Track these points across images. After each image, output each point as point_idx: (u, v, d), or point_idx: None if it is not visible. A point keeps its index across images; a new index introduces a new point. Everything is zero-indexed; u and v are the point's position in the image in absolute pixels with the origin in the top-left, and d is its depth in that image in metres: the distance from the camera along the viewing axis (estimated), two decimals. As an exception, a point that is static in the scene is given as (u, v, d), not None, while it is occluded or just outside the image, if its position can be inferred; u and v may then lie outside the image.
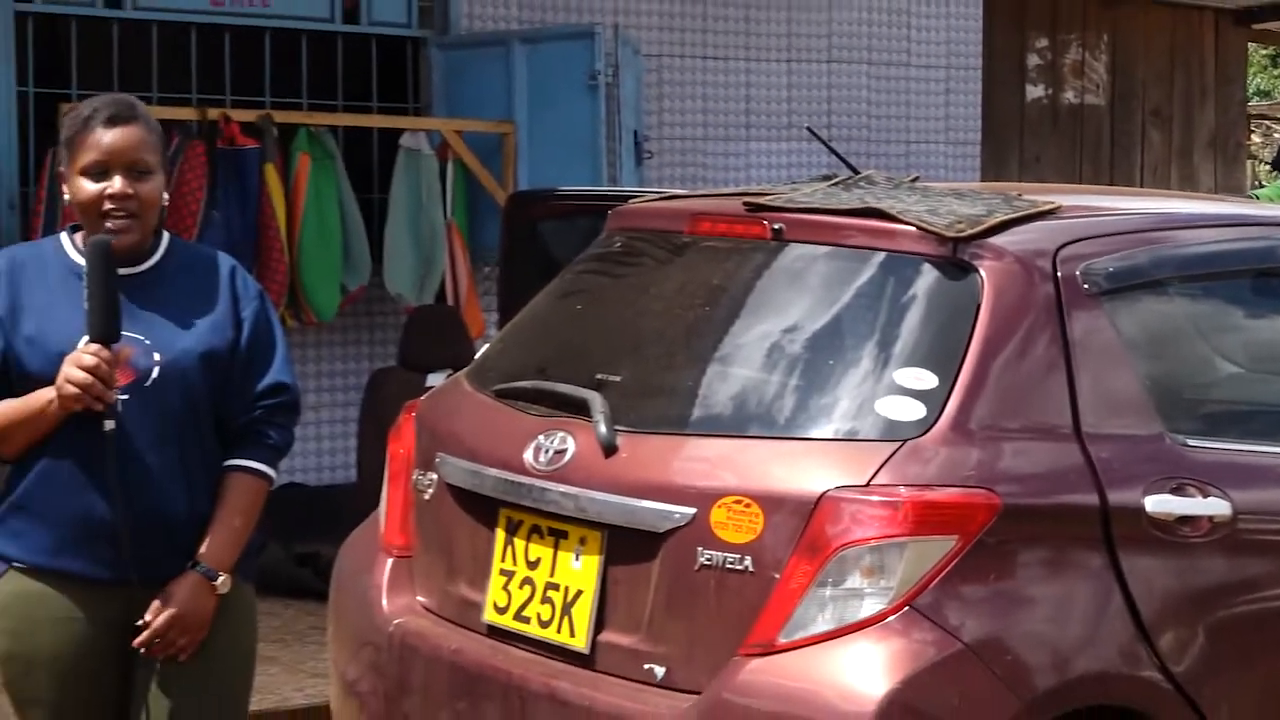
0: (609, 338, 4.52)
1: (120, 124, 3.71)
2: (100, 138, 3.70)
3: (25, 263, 3.80)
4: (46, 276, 3.76)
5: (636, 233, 4.75)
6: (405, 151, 8.68)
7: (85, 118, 3.73)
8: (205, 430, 3.78)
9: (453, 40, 9.18)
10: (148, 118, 3.77)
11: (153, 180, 3.73)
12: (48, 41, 8.28)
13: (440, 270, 8.69)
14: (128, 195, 3.68)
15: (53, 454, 3.68)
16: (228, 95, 8.52)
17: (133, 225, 3.70)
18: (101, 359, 3.56)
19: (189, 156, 7.88)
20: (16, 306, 3.72)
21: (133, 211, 3.70)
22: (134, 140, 3.70)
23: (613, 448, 4.05)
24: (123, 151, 3.69)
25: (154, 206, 3.74)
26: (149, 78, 8.32)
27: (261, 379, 3.83)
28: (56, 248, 3.82)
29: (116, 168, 3.69)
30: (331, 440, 9.08)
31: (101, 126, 3.70)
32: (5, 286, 3.75)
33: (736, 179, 10.16)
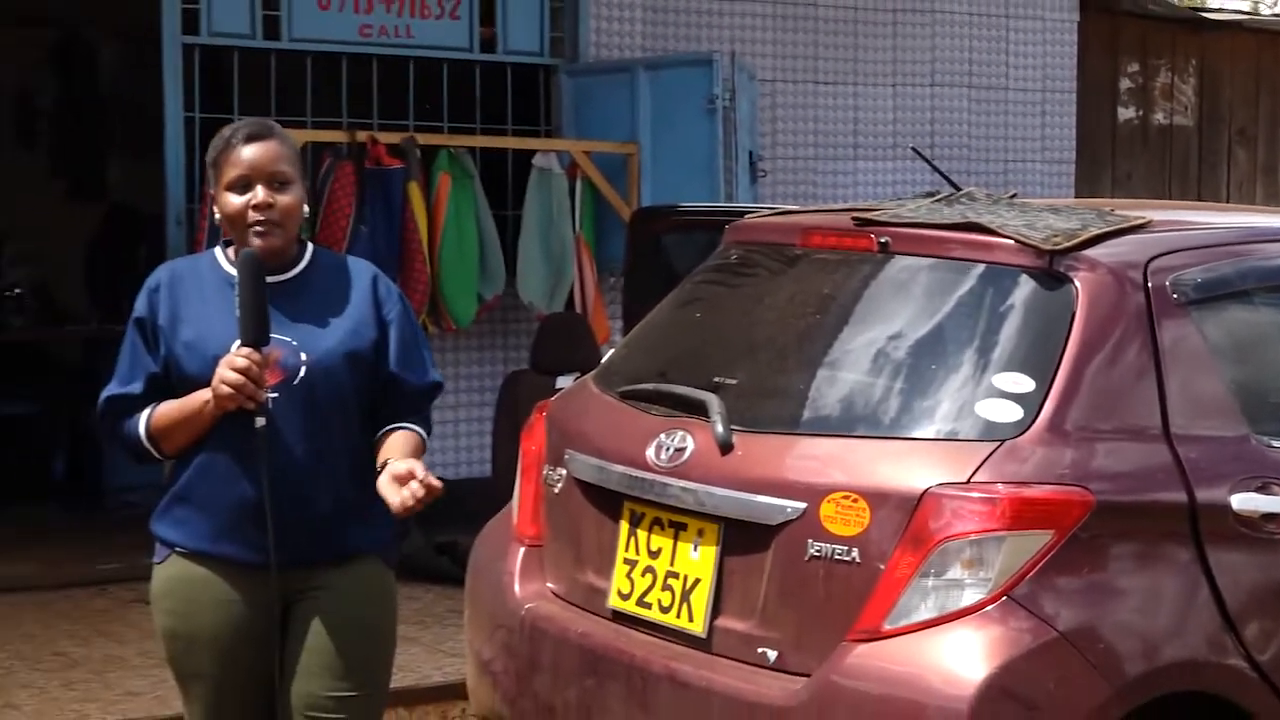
0: (726, 343, 4.51)
1: (258, 140, 3.75)
2: (241, 154, 3.74)
3: (184, 275, 3.84)
4: (203, 287, 3.80)
5: (752, 246, 4.74)
6: (537, 171, 8.71)
7: (227, 139, 3.78)
8: (350, 424, 3.79)
9: (581, 68, 9.20)
10: (283, 135, 3.81)
11: (291, 190, 3.75)
12: (212, 71, 8.38)
13: (569, 280, 8.70)
14: (269, 204, 3.72)
15: (210, 449, 3.71)
16: (375, 119, 8.58)
17: (275, 232, 3.73)
18: (252, 361, 3.59)
19: (339, 176, 7.95)
20: (176, 316, 3.76)
21: (275, 219, 3.73)
22: (272, 154, 3.74)
23: (729, 446, 4.04)
24: (262, 165, 3.73)
25: (294, 215, 3.77)
26: (303, 103, 8.40)
27: (423, 377, 3.85)
28: (211, 261, 3.86)
29: (258, 180, 3.73)
30: (468, 437, 9.13)
31: (242, 144, 3.75)
32: (166, 297, 3.79)
33: (845, 196, 10.11)
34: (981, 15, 10.70)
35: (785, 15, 9.99)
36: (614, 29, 9.40)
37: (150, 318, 3.78)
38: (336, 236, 7.82)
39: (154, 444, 3.76)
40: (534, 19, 9.17)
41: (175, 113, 8.04)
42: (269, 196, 3.72)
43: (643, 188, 8.73)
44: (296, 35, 8.45)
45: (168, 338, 3.75)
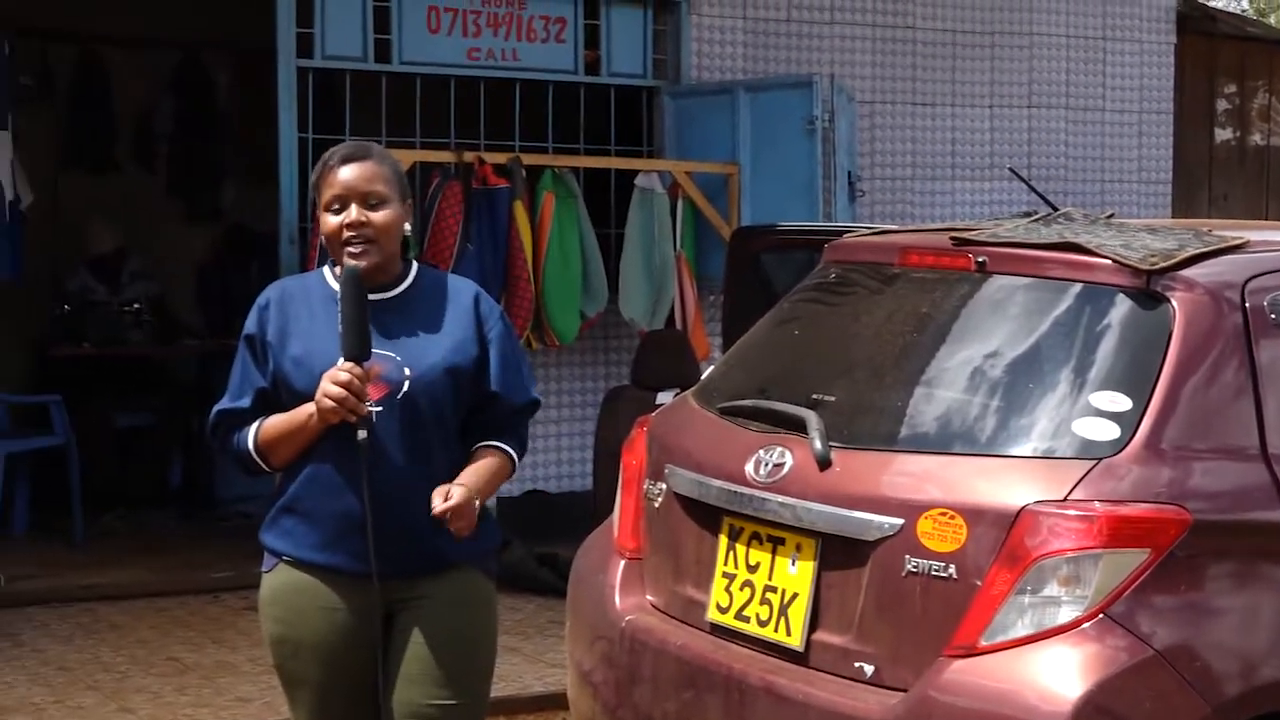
0: (824, 361, 4.49)
1: (353, 162, 3.79)
2: (337, 175, 3.78)
3: (293, 293, 3.88)
4: (311, 304, 3.83)
5: (850, 265, 4.72)
6: (640, 190, 8.72)
7: (325, 161, 3.83)
8: (450, 438, 3.80)
9: (683, 89, 9.21)
10: (382, 156, 3.84)
11: (386, 209, 3.77)
12: (325, 92, 8.46)
13: (670, 298, 8.71)
14: (362, 223, 3.74)
15: (315, 461, 3.74)
16: (482, 140, 8.63)
17: (370, 250, 3.75)
18: (355, 375, 3.61)
19: (447, 195, 8.00)
20: (285, 332, 3.79)
21: (369, 237, 3.75)
22: (366, 174, 3.77)
23: (827, 462, 4.02)
24: (356, 185, 3.76)
25: (389, 232, 3.78)
26: (412, 124, 8.46)
27: (520, 394, 3.86)
28: (319, 278, 3.89)
29: (352, 199, 3.76)
30: (570, 451, 9.15)
31: (338, 166, 3.79)
32: (275, 314, 3.82)
33: (942, 216, 10.04)
34: (1079, 38, 10.61)
35: (884, 38, 9.96)
36: (715, 52, 9.41)
37: (260, 334, 3.81)
38: (443, 254, 7.87)
39: (262, 457, 3.79)
40: (637, 42, 9.19)
41: (289, 133, 8.12)
42: (362, 215, 3.75)
43: (743, 207, 8.72)
44: (407, 58, 8.51)
45: (276, 354, 3.78)
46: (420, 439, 3.74)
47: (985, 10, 10.29)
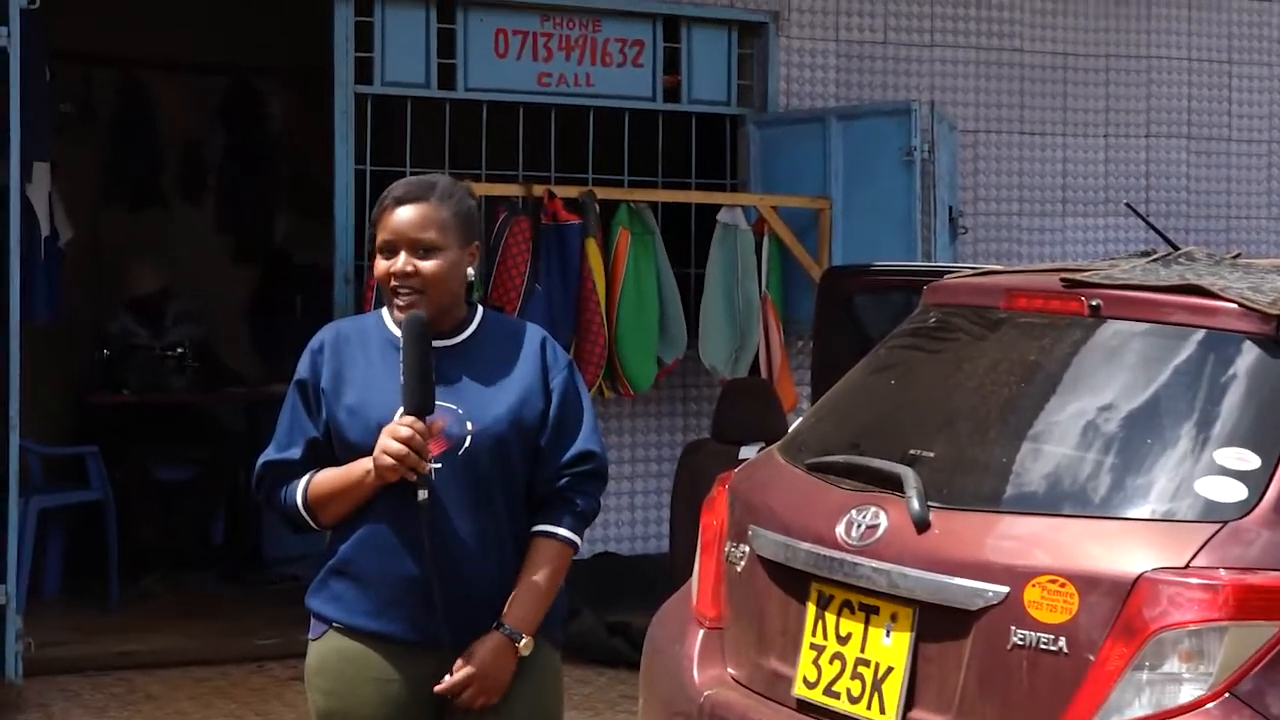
0: (922, 413, 4.47)
1: (408, 204, 3.80)
2: (390, 218, 3.80)
3: (349, 336, 3.90)
4: (368, 349, 3.85)
5: (951, 308, 4.70)
6: (722, 226, 8.73)
7: (383, 200, 3.85)
8: (516, 497, 3.82)
9: (770, 117, 9.22)
10: (445, 196, 3.83)
11: (439, 257, 3.78)
12: (384, 121, 8.53)
13: (755, 344, 8.70)
14: (408, 273, 3.77)
15: (371, 521, 3.75)
16: (552, 172, 8.68)
17: (418, 301, 3.77)
18: (416, 431, 3.62)
19: (514, 231, 8.04)
20: (339, 378, 3.82)
21: (416, 288, 3.77)
22: (418, 220, 3.79)
23: (925, 524, 4.00)
24: (406, 231, 3.78)
25: (440, 284, 3.78)
26: (478, 155, 8.52)
27: (570, 448, 3.86)
28: (377, 321, 3.91)
29: (402, 245, 3.78)
30: (645, 510, 9.14)
31: (392, 207, 3.81)
32: (329, 359, 3.84)
33: (1052, 255, 10.00)
34: (1202, 61, 10.56)
35: (988, 61, 9.94)
36: (805, 76, 9.42)
37: (312, 380, 3.84)
38: (510, 296, 7.90)
39: (311, 514, 3.81)
40: (720, 67, 9.23)
41: (345, 165, 8.20)
42: (409, 264, 3.77)
43: (834, 245, 8.72)
44: (472, 84, 8.59)
45: (330, 402, 3.81)
46: (483, 497, 3.75)
47: (1099, 31, 10.27)
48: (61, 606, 8.85)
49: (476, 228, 3.92)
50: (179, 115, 11.66)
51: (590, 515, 3.91)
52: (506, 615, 3.76)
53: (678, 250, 8.84)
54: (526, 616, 3.78)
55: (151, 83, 11.49)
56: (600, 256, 8.22)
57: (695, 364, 8.85)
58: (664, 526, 8.73)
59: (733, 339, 8.73)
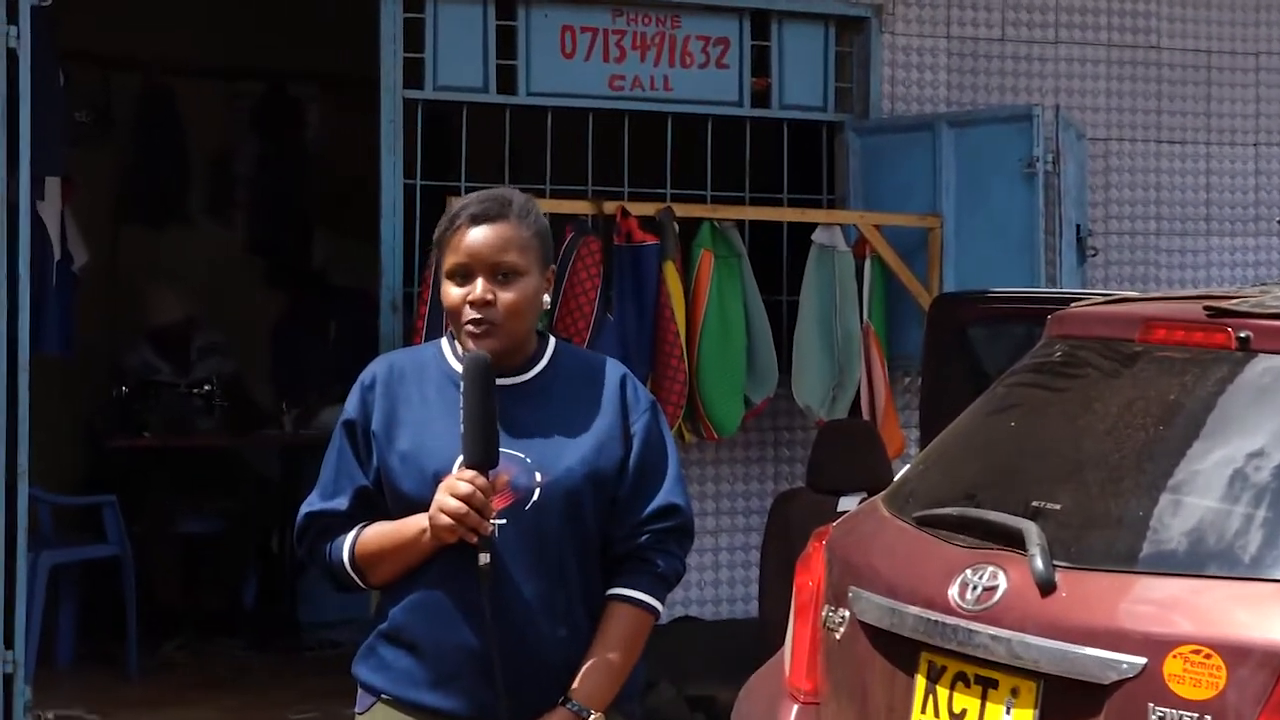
0: (1047, 460, 4.46)
1: (485, 222, 3.79)
2: (465, 238, 3.79)
3: (404, 371, 3.90)
4: (425, 386, 3.86)
5: (1079, 340, 4.69)
6: (818, 248, 8.74)
7: (453, 216, 3.84)
8: (589, 557, 3.82)
9: (873, 124, 9.23)
10: (523, 213, 3.83)
11: (519, 284, 3.78)
12: (436, 130, 8.58)
13: (855, 381, 8.69)
14: (486, 301, 3.76)
15: (425, 584, 3.76)
16: (625, 187, 8.70)
17: (494, 334, 3.76)
18: (477, 487, 3.62)
19: (582, 254, 8.05)
20: (393, 420, 3.82)
21: (493, 320, 3.76)
22: (499, 240, 3.78)
23: (1051, 585, 3.99)
24: (484, 253, 3.77)
25: (519, 314, 3.79)
26: (542, 167, 8.55)
27: (650, 500, 3.85)
28: (437, 354, 3.92)
29: (479, 270, 3.78)
30: (730, 570, 9.14)
31: (466, 225, 3.80)
32: (381, 397, 3.85)
33: (1194, 279, 9.95)
34: (1368, 58, 10.50)
35: (1122, 61, 9.92)
36: (912, 78, 9.43)
37: (362, 420, 3.85)
38: (578, 326, 7.92)
39: (359, 572, 3.83)
40: (816, 67, 9.24)
41: (393, 179, 8.24)
42: (488, 292, 3.76)
43: (945, 269, 8.71)
44: (536, 89, 8.63)
45: (381, 446, 3.82)
46: (552, 557, 3.76)
47: (1248, 25, 10.23)
48: (75, 675, 8.92)
49: (551, 250, 3.93)
50: (207, 124, 11.77)
51: (673, 578, 3.90)
52: (575, 689, 3.76)
53: (767, 275, 8.85)
54: (598, 691, 3.78)
55: (176, 88, 11.61)
56: (680, 282, 8.23)
57: (788, 403, 8.84)
58: (752, 588, 8.72)
59: (830, 375, 8.72)
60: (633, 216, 8.20)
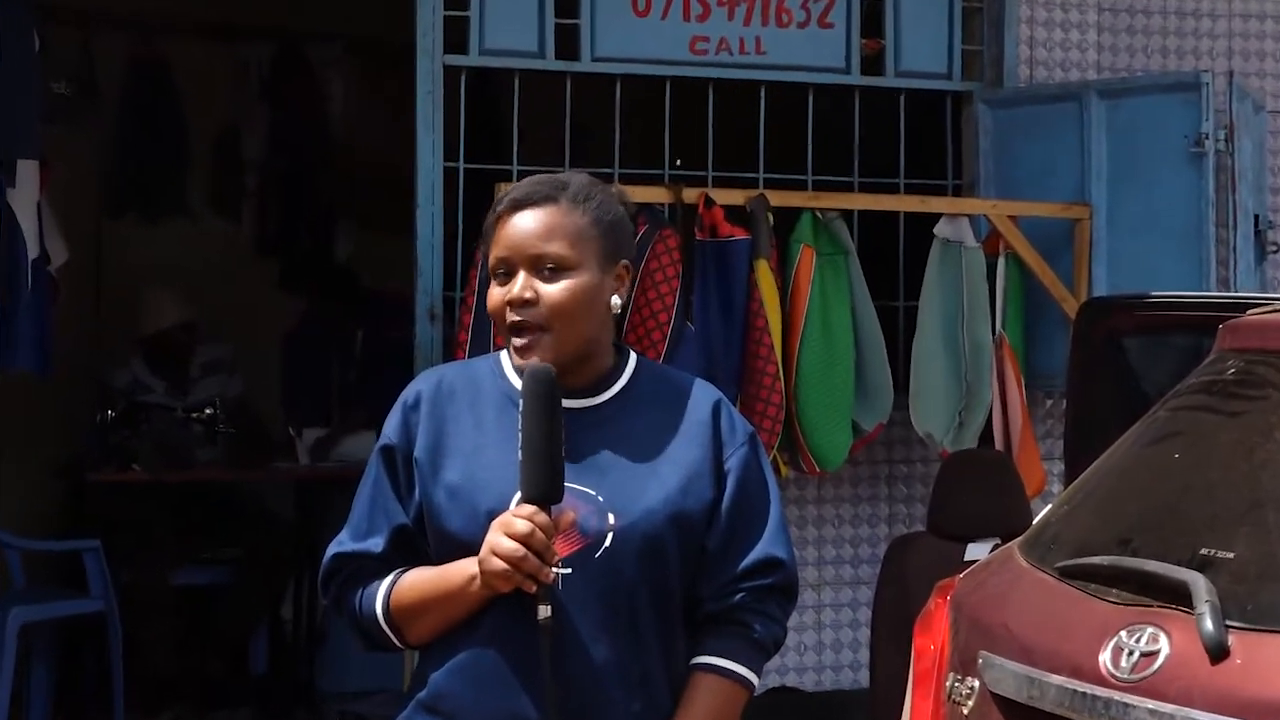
0: (1218, 498, 4.44)
1: (529, 207, 3.81)
2: (506, 228, 3.81)
3: (454, 388, 3.91)
4: (480, 406, 3.87)
5: (1257, 354, 4.67)
6: (941, 244, 8.71)
7: (496, 204, 3.86)
8: (671, 616, 3.82)
9: (1007, 95, 9.20)
10: (582, 198, 3.84)
11: (568, 279, 3.78)
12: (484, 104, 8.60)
13: (986, 403, 8.67)
14: (525, 300, 3.77)
15: (474, 642, 3.77)
16: (709, 170, 8.70)
17: (539, 341, 3.77)
18: (537, 525, 3.62)
19: (658, 250, 8.05)
20: (439, 446, 3.84)
21: (535, 322, 3.77)
22: (540, 228, 3.79)
23: (1223, 650, 3.97)
24: (524, 244, 3.79)
25: (568, 316, 3.78)
26: (610, 147, 8.55)
27: (747, 552, 3.85)
28: (494, 368, 3.93)
29: (519, 264, 3.79)
30: (835, 631, 9.13)
31: (508, 213, 3.82)
32: (427, 418, 3.86)
33: (1399, 281, 9.90)
34: None
35: (1309, 17, 9.88)
36: (1055, 39, 9.41)
37: (403, 446, 3.87)
38: (653, 337, 7.91)
39: (395, 628, 3.84)
40: (939, 28, 9.23)
41: (431, 161, 8.26)
42: (528, 288, 3.77)
43: (1095, 268, 8.68)
44: (602, 53, 8.64)
45: (425, 477, 3.83)
46: (626, 616, 3.76)
47: None
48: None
49: (626, 242, 3.92)
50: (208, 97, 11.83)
51: (771, 645, 3.90)
52: None
53: (880, 276, 8.84)
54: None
55: (172, 54, 11.68)
56: (775, 284, 8.23)
57: (904, 431, 8.83)
58: (862, 653, 8.71)
59: (956, 397, 8.70)
60: (718, 206, 8.19)
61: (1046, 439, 8.81)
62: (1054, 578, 4.50)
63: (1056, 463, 8.26)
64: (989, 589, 4.70)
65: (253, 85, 12.04)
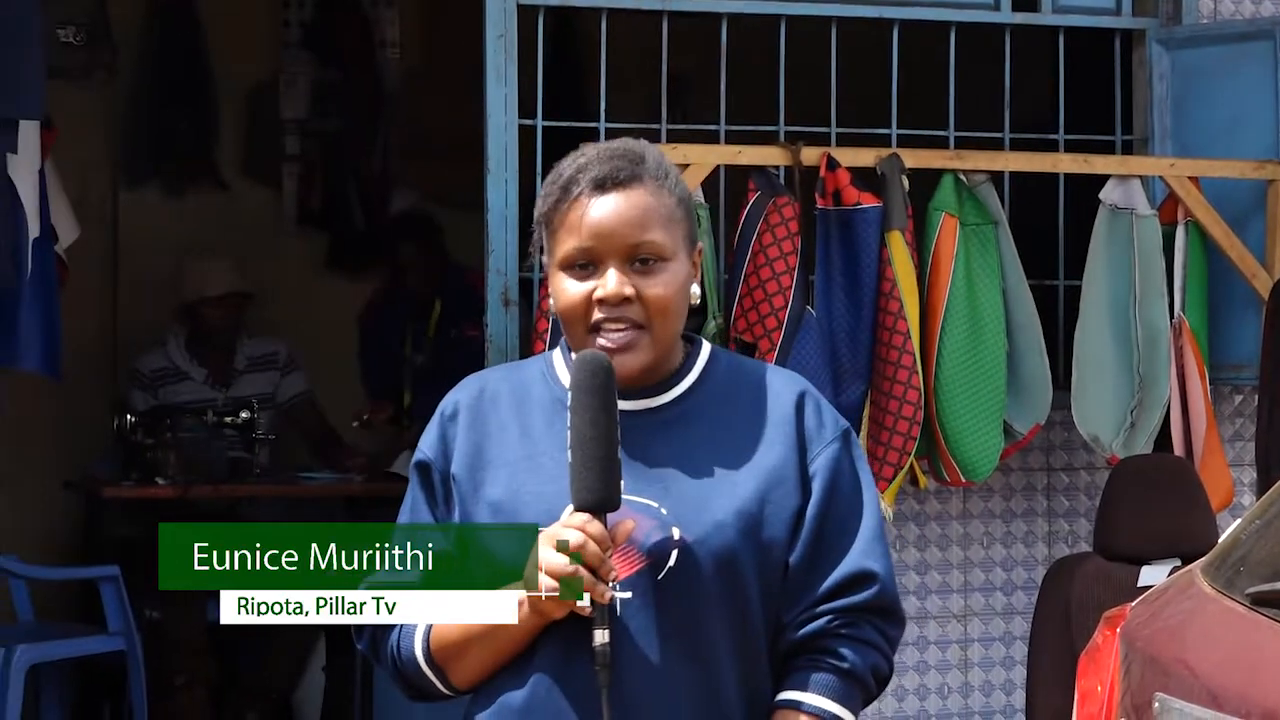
0: None
1: (614, 188, 3.81)
2: (583, 213, 3.81)
3: (498, 395, 3.94)
4: (527, 413, 3.90)
5: None
6: (1110, 211, 8.69)
7: (565, 182, 3.85)
8: (749, 646, 3.83)
9: (1187, 34, 9.17)
10: (662, 173, 3.86)
11: (667, 272, 3.81)
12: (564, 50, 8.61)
13: (1163, 400, 8.63)
14: (624, 298, 3.78)
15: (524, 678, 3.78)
16: (833, 126, 8.69)
17: (638, 341, 3.79)
18: (590, 536, 3.64)
19: (772, 221, 8.04)
20: (479, 459, 3.87)
21: (637, 321, 3.79)
22: (633, 213, 3.80)
23: None
24: (614, 231, 3.79)
25: (671, 314, 3.81)
26: (714, 101, 8.55)
27: (833, 567, 3.84)
28: (545, 371, 3.95)
29: (609, 257, 3.79)
30: (985, 670, 9.12)
31: (588, 194, 3.81)
32: (466, 429, 3.90)
33: None
34: None
35: None
36: (1243, -33, 9.38)
37: (440, 462, 3.91)
38: (766, 324, 7.89)
39: (438, 671, 3.86)
40: (1104, -47, 9.21)
41: (503, 119, 8.25)
42: (624, 284, 3.78)
43: (1294, 239, 8.66)
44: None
45: (465, 495, 3.87)
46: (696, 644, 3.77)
47: None
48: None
49: (695, 221, 3.94)
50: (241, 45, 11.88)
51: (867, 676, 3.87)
52: None
53: (1036, 250, 8.82)
54: None
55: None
56: (912, 259, 8.22)
57: (1066, 433, 8.82)
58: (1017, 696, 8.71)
59: (1128, 393, 8.67)
60: (843, 168, 8.19)
61: (1235, 442, 8.78)
62: (1244, 606, 4.49)
63: (1247, 470, 8.24)
64: (1166, 620, 4.69)
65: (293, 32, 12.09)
